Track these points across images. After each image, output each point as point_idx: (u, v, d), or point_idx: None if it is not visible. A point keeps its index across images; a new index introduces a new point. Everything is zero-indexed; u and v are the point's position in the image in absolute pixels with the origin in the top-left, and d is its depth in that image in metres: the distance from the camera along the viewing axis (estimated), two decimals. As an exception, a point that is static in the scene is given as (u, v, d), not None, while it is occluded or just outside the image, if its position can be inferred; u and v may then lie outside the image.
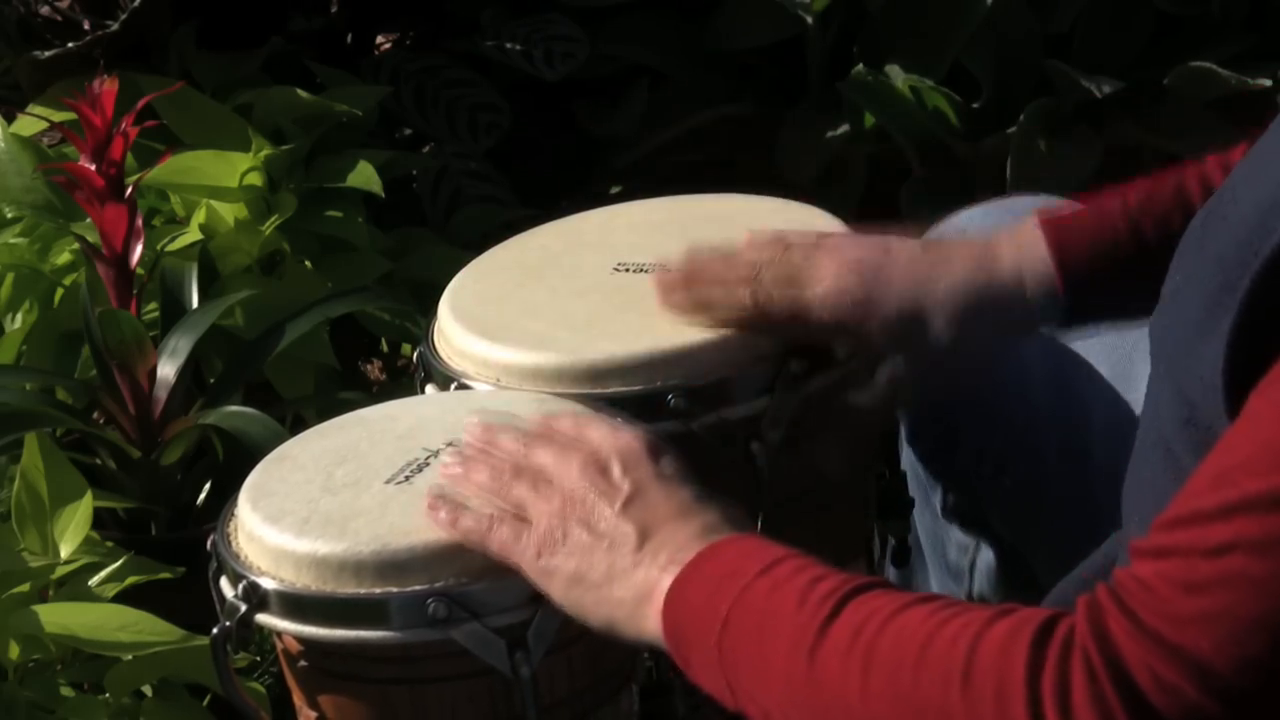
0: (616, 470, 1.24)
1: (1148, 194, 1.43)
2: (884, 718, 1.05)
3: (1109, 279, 1.41)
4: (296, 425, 2.00)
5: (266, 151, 2.29)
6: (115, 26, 2.45)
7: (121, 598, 1.83)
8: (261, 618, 1.30)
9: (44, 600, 1.81)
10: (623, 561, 1.21)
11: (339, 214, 2.32)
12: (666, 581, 1.18)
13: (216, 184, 2.29)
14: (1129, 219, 1.42)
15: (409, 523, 1.28)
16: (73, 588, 1.85)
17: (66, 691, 1.80)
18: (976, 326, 1.42)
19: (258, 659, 2.04)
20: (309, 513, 1.31)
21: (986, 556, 1.73)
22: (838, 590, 1.10)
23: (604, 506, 1.23)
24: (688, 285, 1.45)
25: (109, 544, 1.95)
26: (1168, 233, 1.39)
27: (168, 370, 2.06)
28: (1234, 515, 0.96)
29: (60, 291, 2.24)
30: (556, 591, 1.23)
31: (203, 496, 2.15)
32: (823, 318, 1.42)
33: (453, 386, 1.48)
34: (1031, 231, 1.43)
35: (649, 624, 1.19)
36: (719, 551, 1.18)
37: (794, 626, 1.10)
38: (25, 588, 1.79)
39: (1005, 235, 1.44)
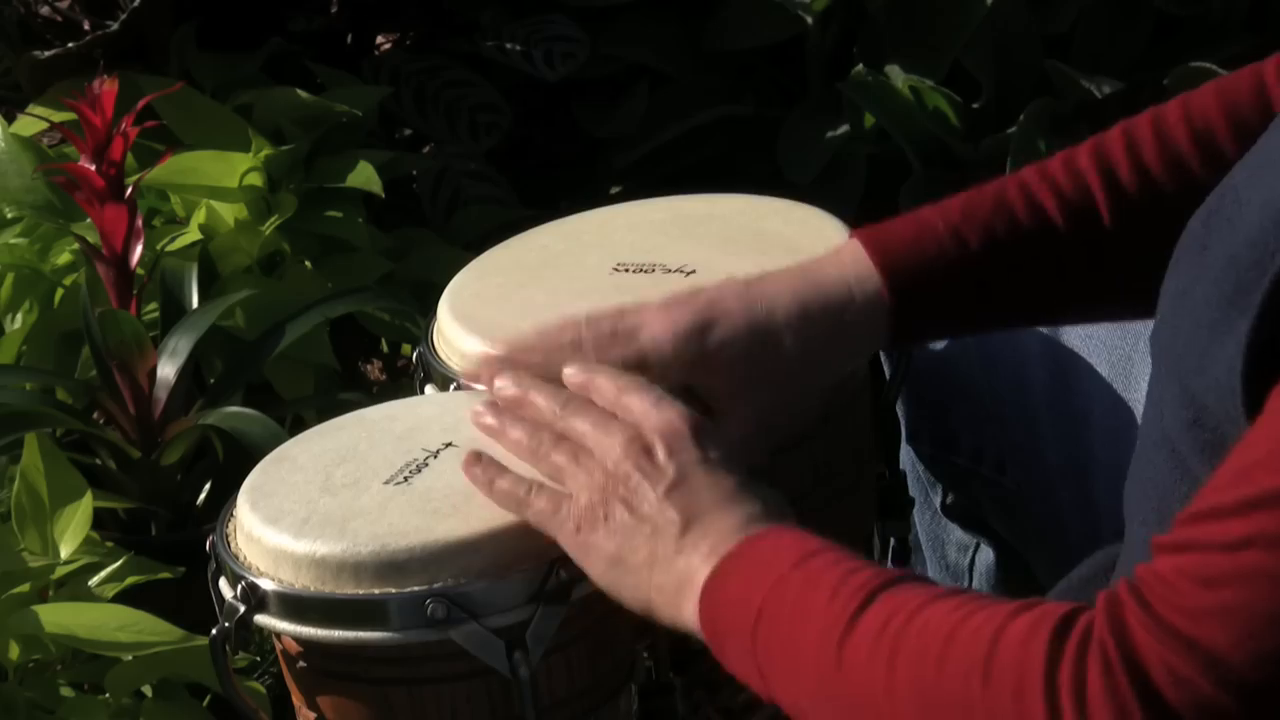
0: (661, 452, 1.23)
1: (965, 202, 1.39)
2: (908, 709, 1.06)
3: (933, 282, 1.37)
4: (296, 425, 2.00)
5: (266, 151, 2.29)
6: (115, 26, 2.45)
7: (121, 598, 1.83)
8: (260, 618, 1.30)
9: (44, 600, 1.81)
10: (665, 549, 1.21)
11: (339, 214, 2.32)
12: (705, 572, 1.18)
13: (216, 184, 2.29)
14: (949, 225, 1.38)
15: (408, 523, 1.28)
16: (73, 588, 1.85)
17: (66, 691, 1.80)
18: (817, 337, 1.36)
19: (257, 659, 2.04)
20: (308, 513, 1.31)
21: (986, 556, 1.73)
22: (869, 583, 1.11)
23: (648, 489, 1.22)
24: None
25: (109, 544, 1.95)
26: (991, 238, 1.37)
27: (168, 370, 2.06)
28: (1251, 511, 0.96)
29: (60, 291, 2.25)
30: (595, 569, 1.23)
31: (203, 497, 2.15)
32: (664, 355, 1.33)
33: (452, 387, 1.48)
34: (851, 244, 1.39)
35: (686, 613, 1.19)
36: (757, 544, 1.19)
37: (825, 618, 1.11)
38: (25, 588, 1.79)
39: (825, 255, 1.40)
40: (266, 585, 1.29)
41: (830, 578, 1.13)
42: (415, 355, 1.54)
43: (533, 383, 1.31)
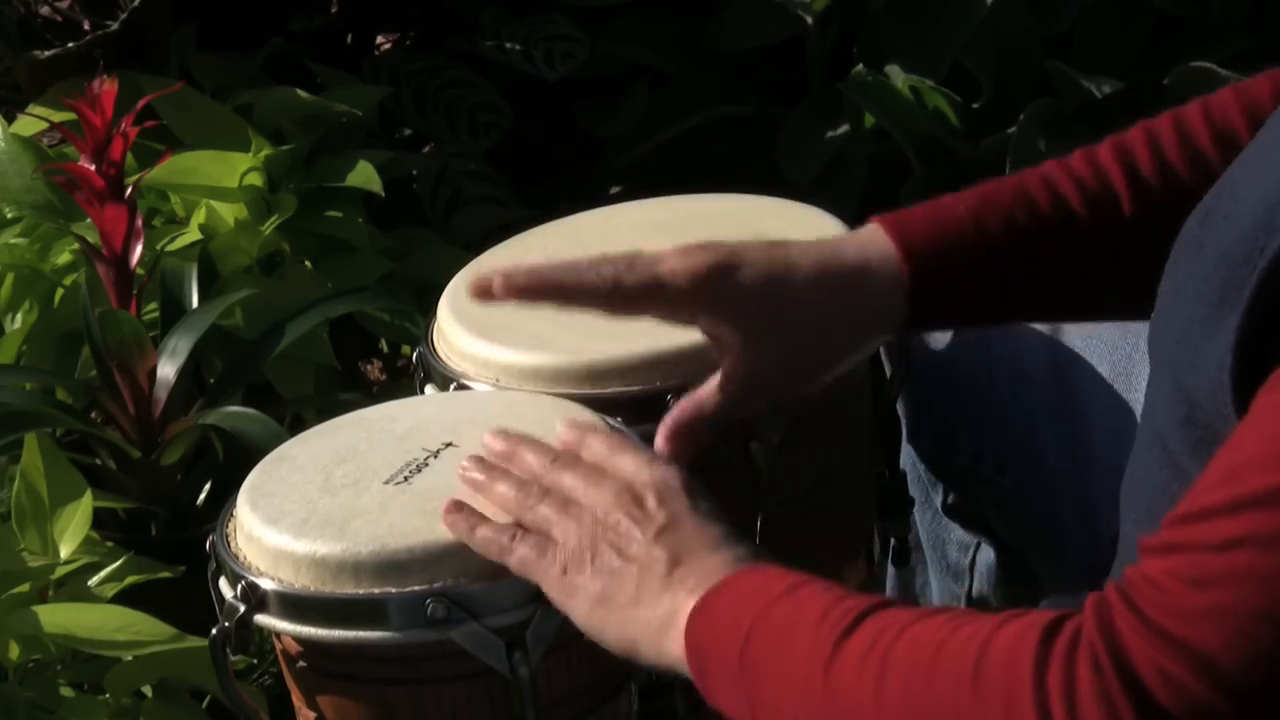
0: (652, 501, 1.24)
1: (984, 190, 1.39)
2: None
3: (953, 264, 1.36)
4: (296, 425, 2.00)
5: (266, 151, 2.29)
6: (115, 26, 2.45)
7: (121, 598, 1.83)
8: (260, 618, 1.30)
9: (44, 600, 1.81)
10: (652, 585, 1.20)
11: (339, 214, 2.32)
12: (691, 604, 1.18)
13: (216, 184, 2.29)
14: (969, 210, 1.37)
15: (408, 523, 1.28)
16: (72, 588, 1.85)
17: (66, 691, 1.80)
18: (834, 303, 1.35)
19: (255, 660, 2.04)
20: (308, 513, 1.31)
21: (986, 555, 1.73)
22: (858, 606, 1.11)
23: (637, 533, 1.22)
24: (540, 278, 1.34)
25: (109, 544, 1.95)
26: (1012, 226, 1.36)
27: (168, 370, 2.06)
28: (1242, 511, 0.96)
29: (60, 291, 2.25)
30: (579, 609, 1.23)
31: (203, 496, 2.15)
32: (680, 288, 1.31)
33: (452, 387, 1.48)
34: (870, 226, 1.38)
35: (671, 646, 1.19)
36: (744, 577, 1.19)
37: (814, 639, 1.11)
38: (25, 588, 1.79)
39: (845, 234, 1.41)
40: (266, 585, 1.29)
41: (820, 603, 1.12)
42: (415, 355, 1.54)
43: (522, 439, 1.31)
